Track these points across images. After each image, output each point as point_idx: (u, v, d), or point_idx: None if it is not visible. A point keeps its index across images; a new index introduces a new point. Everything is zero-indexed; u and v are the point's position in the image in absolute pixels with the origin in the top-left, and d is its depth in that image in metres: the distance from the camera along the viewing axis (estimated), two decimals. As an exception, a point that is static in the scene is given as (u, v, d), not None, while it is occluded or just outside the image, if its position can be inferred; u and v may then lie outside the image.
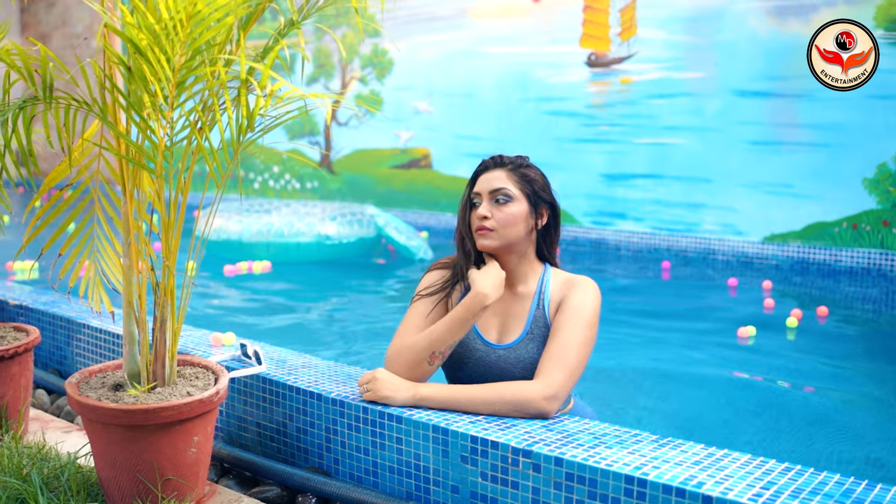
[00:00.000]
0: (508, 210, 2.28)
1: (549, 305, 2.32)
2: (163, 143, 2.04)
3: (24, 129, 2.19)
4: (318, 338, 4.48)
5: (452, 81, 7.72)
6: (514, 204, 2.28)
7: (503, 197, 2.28)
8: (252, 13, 1.99)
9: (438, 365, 2.30)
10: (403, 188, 8.19)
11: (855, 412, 3.17)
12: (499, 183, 2.30)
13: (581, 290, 2.29)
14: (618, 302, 5.15)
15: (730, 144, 6.13)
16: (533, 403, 2.17)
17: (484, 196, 2.31)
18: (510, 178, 2.31)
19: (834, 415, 3.11)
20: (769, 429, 3.02)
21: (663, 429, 2.98)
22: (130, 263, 2.23)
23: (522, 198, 2.30)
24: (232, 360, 2.78)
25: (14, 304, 3.69)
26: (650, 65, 6.49)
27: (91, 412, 2.13)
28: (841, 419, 3.06)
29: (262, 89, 1.87)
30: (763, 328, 4.16)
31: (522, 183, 2.31)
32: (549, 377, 2.18)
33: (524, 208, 2.30)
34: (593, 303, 2.28)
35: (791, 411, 3.15)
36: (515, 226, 2.29)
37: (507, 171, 2.32)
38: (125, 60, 1.95)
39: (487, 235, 2.28)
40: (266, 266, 6.13)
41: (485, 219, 2.28)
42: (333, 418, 2.45)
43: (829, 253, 5.70)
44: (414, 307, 2.42)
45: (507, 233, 2.28)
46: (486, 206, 2.29)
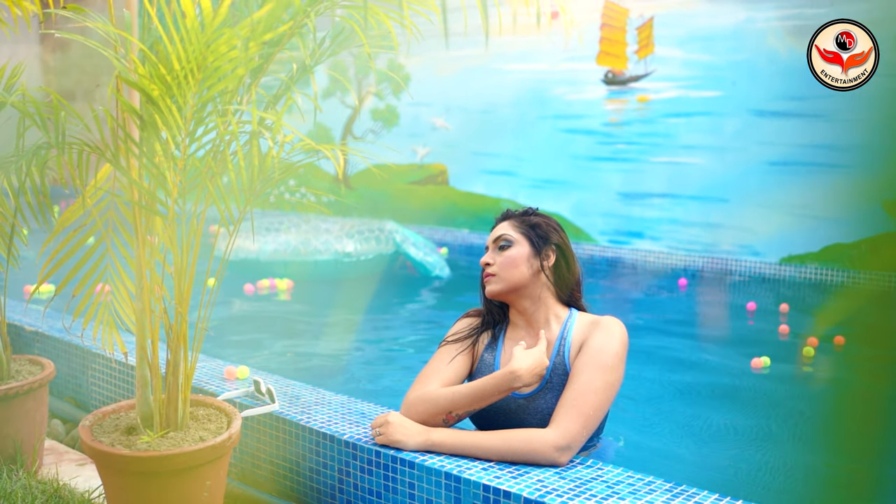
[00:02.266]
0: (508, 253, 2.32)
1: (570, 350, 2.30)
2: (175, 189, 2.05)
3: (38, 173, 2.21)
4: (334, 361, 4.47)
5: (470, 98, 7.71)
6: (513, 247, 2.33)
7: (504, 243, 2.34)
8: (263, 63, 1.99)
9: (454, 423, 2.29)
10: (420, 204, 8.19)
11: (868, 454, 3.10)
12: (500, 231, 2.37)
13: (603, 331, 2.25)
14: (631, 325, 5.11)
15: (748, 164, 6.08)
16: (543, 454, 2.15)
17: (489, 245, 2.39)
18: (512, 225, 2.38)
19: (842, 457, 3.05)
20: (778, 469, 2.97)
21: (674, 466, 2.95)
22: (143, 307, 2.23)
23: (523, 240, 2.34)
24: (245, 397, 2.77)
25: (30, 331, 3.71)
26: (667, 83, 6.46)
27: (104, 458, 2.13)
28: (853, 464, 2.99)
29: (273, 140, 1.87)
30: (778, 358, 4.10)
31: (524, 227, 2.36)
32: (563, 426, 2.15)
33: (525, 250, 2.33)
34: (616, 344, 2.22)
35: (800, 453, 3.09)
36: (517, 267, 2.31)
37: (510, 221, 2.40)
38: (137, 110, 1.96)
39: (490, 281, 2.34)
40: (289, 284, 6.12)
41: (487, 265, 2.34)
42: (346, 460, 2.44)
43: (847, 275, 5.64)
44: (439, 353, 2.44)
45: (508, 275, 2.31)
46: (489, 254, 2.36)
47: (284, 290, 6.08)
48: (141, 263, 2.23)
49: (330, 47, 2.12)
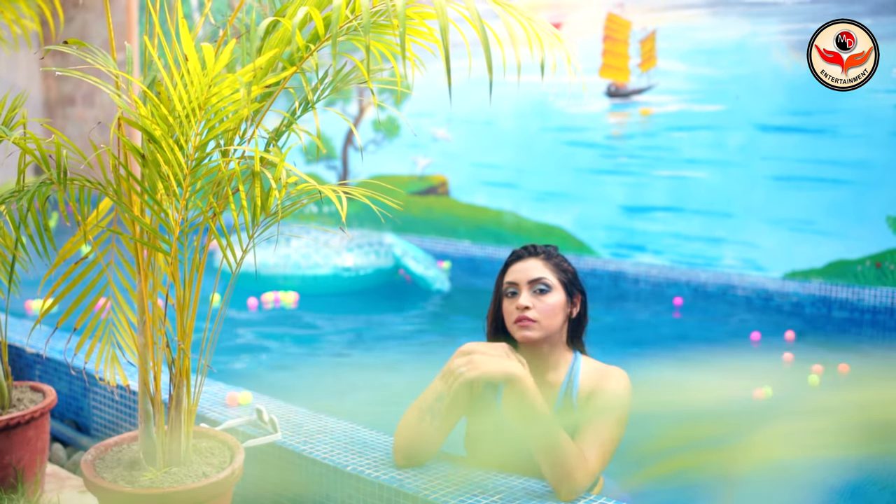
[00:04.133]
0: (549, 301, 2.23)
1: (578, 395, 2.29)
2: (177, 226, 2.04)
3: (39, 207, 2.20)
4: (336, 379, 4.46)
5: (471, 109, 7.70)
6: (553, 293, 2.25)
7: (543, 286, 2.24)
8: (264, 100, 1.98)
9: (431, 423, 2.24)
10: (421, 214, 8.17)
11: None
12: (537, 273, 2.25)
13: (614, 384, 2.25)
14: (629, 345, 5.10)
15: (751, 179, 6.07)
16: (576, 479, 2.08)
17: (522, 286, 2.25)
18: (546, 266, 2.28)
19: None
20: None
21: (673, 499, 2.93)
22: (145, 342, 2.22)
23: (560, 287, 2.27)
24: (247, 425, 2.76)
25: (31, 353, 3.70)
26: (670, 97, 6.44)
27: (106, 495, 2.12)
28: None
29: (276, 181, 1.86)
30: (781, 387, 4.05)
31: (559, 272, 2.28)
32: (590, 465, 2.15)
33: (562, 298, 2.27)
34: (627, 397, 2.24)
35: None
36: (556, 316, 2.25)
37: (542, 261, 2.29)
38: (139, 149, 1.95)
39: (531, 327, 2.22)
40: (294, 297, 6.09)
41: (526, 309, 2.22)
42: (349, 492, 2.43)
43: (852, 291, 5.62)
44: (431, 385, 2.40)
45: (549, 324, 2.24)
46: (527, 297, 2.23)
47: (290, 302, 6.06)
48: (143, 296, 2.22)
49: (332, 82, 2.11)
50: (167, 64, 1.88)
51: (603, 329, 5.65)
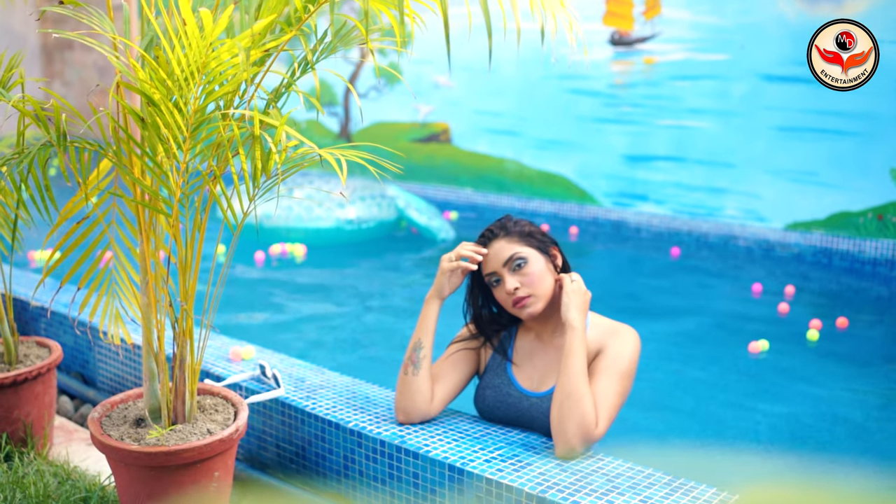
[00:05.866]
0: (530, 270, 2.27)
1: (586, 353, 2.32)
2: (178, 188, 2.04)
3: (40, 169, 2.20)
4: (339, 333, 4.50)
5: (473, 56, 7.62)
6: (531, 262, 2.27)
7: (518, 261, 2.27)
8: (263, 62, 1.96)
9: (414, 374, 2.36)
10: (423, 162, 8.14)
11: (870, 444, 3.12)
12: (506, 252, 2.28)
13: (621, 339, 2.28)
14: (628, 295, 5.12)
15: (754, 129, 6.03)
16: (586, 430, 2.16)
17: (500, 271, 2.29)
18: (510, 241, 2.29)
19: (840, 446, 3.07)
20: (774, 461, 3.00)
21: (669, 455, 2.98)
22: (149, 301, 2.24)
23: (533, 251, 2.29)
24: (251, 381, 2.80)
25: (36, 306, 3.73)
26: (674, 45, 6.36)
27: (113, 452, 2.16)
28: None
29: (276, 144, 1.86)
30: (778, 340, 4.08)
31: (523, 238, 2.30)
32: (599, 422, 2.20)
33: (541, 260, 2.30)
34: (633, 354, 2.27)
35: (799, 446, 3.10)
36: (545, 280, 2.28)
37: (503, 239, 2.30)
38: (139, 112, 1.94)
39: (528, 303, 2.27)
40: (303, 250, 6.09)
41: (516, 290, 2.26)
42: (351, 447, 2.47)
43: (853, 243, 5.62)
44: (445, 352, 2.48)
45: (542, 290, 2.27)
46: (511, 279, 2.26)
47: (299, 255, 6.06)
48: (145, 256, 2.23)
49: (331, 43, 2.09)
50: (165, 28, 1.86)
51: (603, 278, 5.68)
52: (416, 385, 2.36)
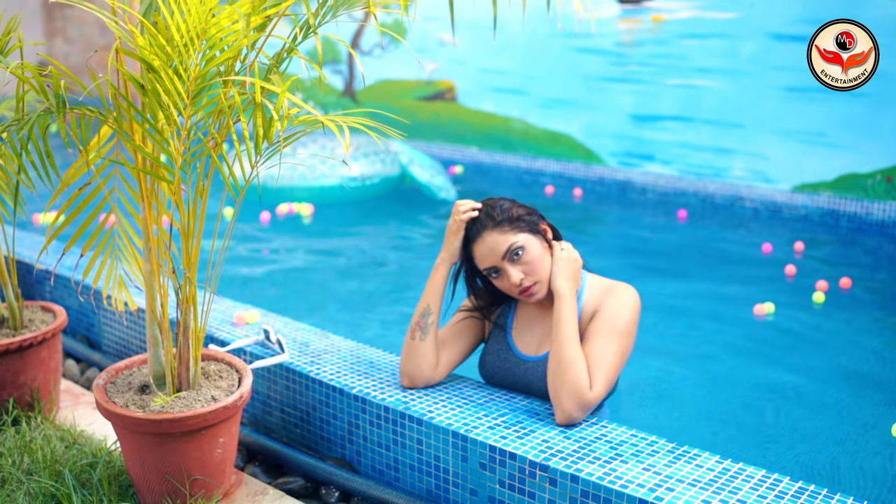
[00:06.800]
0: (529, 257, 2.26)
1: (583, 315, 2.31)
2: (180, 155, 2.02)
3: (40, 135, 2.18)
4: (342, 294, 4.50)
5: (479, 13, 7.51)
6: (528, 248, 2.27)
7: (516, 251, 2.26)
8: (264, 28, 1.93)
9: (421, 339, 2.37)
10: (428, 120, 8.08)
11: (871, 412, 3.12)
12: (502, 245, 2.26)
13: (618, 298, 2.28)
14: (632, 254, 5.10)
15: (763, 89, 5.95)
16: (580, 397, 2.16)
17: (500, 264, 2.28)
18: (502, 231, 2.27)
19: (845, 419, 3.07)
20: (777, 430, 2.99)
21: (673, 422, 2.99)
22: (151, 268, 2.24)
23: (525, 234, 2.28)
24: (255, 345, 2.81)
25: (40, 269, 3.73)
26: (682, 3, 6.25)
27: (118, 420, 2.17)
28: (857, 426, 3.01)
29: (277, 111, 1.83)
30: (783, 304, 4.06)
31: (513, 224, 2.28)
32: (593, 385, 2.19)
33: (536, 243, 2.29)
34: (630, 311, 2.26)
35: (800, 412, 3.10)
36: (544, 262, 2.29)
37: (494, 230, 2.28)
38: (139, 78, 1.92)
39: (535, 290, 2.28)
40: (310, 209, 6.07)
41: (521, 280, 2.26)
42: (355, 413, 2.48)
43: (861, 205, 5.58)
44: (451, 320, 2.51)
45: (544, 273, 2.28)
46: (513, 271, 2.26)
47: (306, 214, 6.04)
48: (147, 223, 2.22)
49: (334, 7, 2.05)
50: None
51: (608, 238, 5.67)
52: (423, 350, 2.37)
